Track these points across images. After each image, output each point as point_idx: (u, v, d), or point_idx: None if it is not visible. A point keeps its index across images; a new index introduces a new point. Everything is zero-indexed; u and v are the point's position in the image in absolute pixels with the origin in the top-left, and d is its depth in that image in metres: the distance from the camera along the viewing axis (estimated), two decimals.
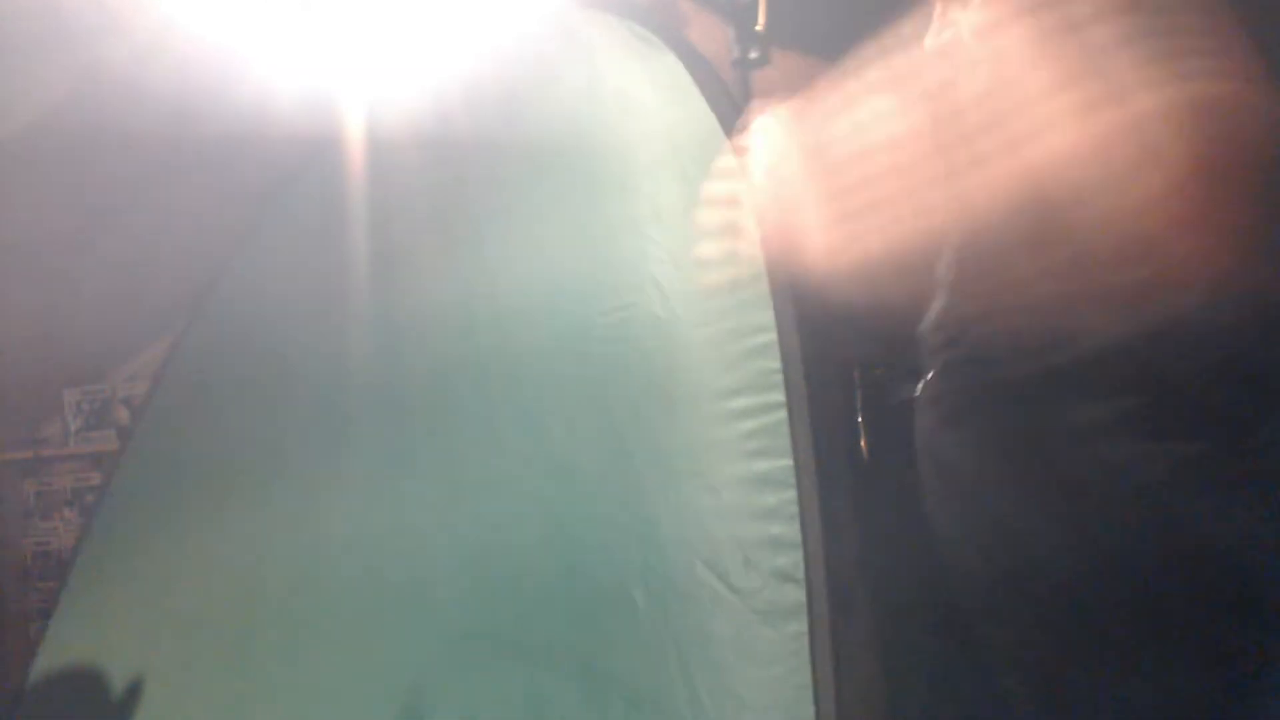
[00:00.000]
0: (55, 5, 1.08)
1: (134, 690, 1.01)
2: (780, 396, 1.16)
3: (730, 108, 1.18)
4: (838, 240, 1.28)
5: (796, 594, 1.12)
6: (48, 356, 1.48)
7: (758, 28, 1.21)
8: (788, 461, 1.15)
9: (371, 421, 1.12)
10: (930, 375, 0.99)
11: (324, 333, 1.12)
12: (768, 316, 1.19)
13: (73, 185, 1.12)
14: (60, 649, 1.06)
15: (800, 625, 1.11)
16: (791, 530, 1.11)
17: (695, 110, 1.19)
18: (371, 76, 1.17)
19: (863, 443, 1.29)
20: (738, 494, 1.15)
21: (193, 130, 1.11)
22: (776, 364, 1.18)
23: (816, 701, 1.09)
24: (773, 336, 1.18)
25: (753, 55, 1.20)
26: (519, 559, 1.10)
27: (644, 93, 1.21)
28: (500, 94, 1.20)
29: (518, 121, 1.19)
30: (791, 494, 1.14)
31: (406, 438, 1.11)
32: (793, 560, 1.14)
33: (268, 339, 1.12)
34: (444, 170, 1.18)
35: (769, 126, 1.20)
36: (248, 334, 1.12)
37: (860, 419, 1.26)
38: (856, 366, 1.24)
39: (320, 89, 1.15)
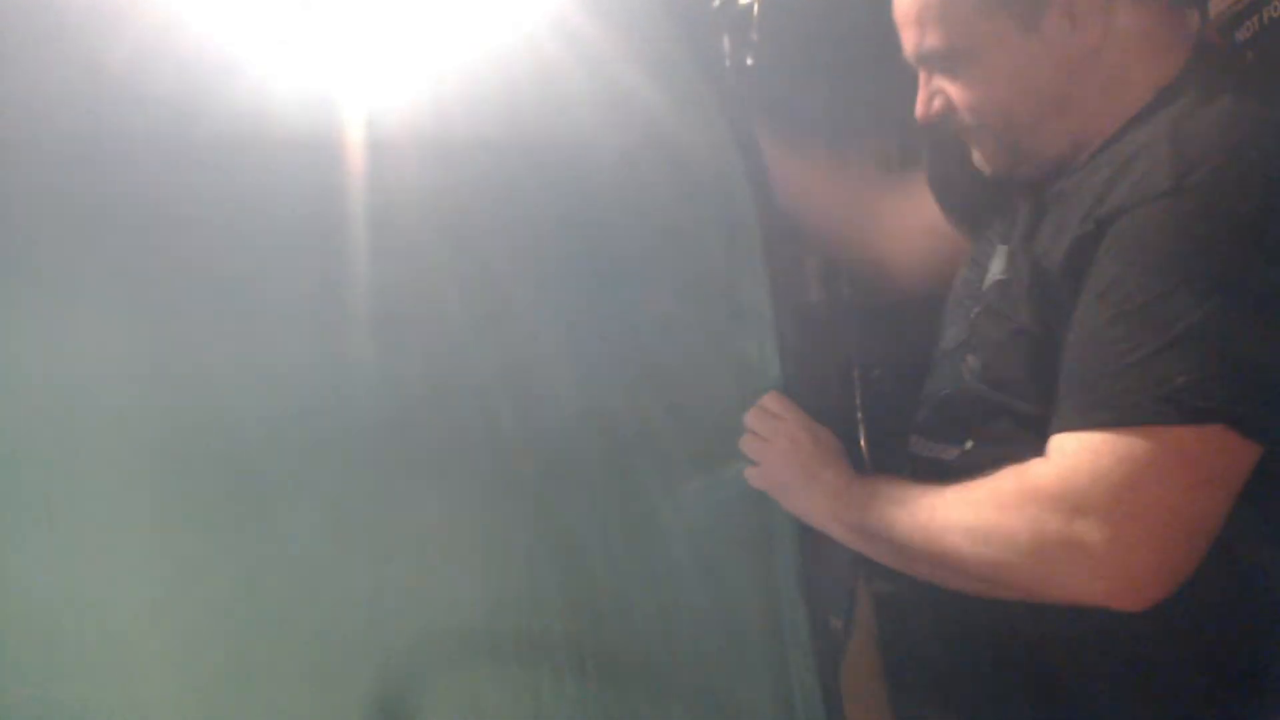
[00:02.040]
0: (55, 5, 1.08)
1: None
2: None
3: (739, 110, 1.18)
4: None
5: (800, 593, 1.12)
6: None
7: (752, 35, 1.22)
8: None
9: (365, 427, 1.11)
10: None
11: (317, 334, 1.11)
12: (767, 314, 1.19)
13: (72, 185, 1.11)
14: None
15: (801, 627, 1.12)
16: (790, 529, 1.11)
17: (699, 111, 1.19)
18: (373, 77, 1.17)
19: (862, 443, 1.29)
20: (738, 492, 1.15)
21: (193, 130, 1.10)
22: (776, 362, 1.18)
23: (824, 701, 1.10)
24: (773, 334, 1.18)
25: (748, 63, 1.21)
26: (520, 568, 1.10)
27: (647, 90, 1.21)
28: (501, 94, 1.20)
29: (518, 121, 1.19)
30: None
31: (403, 443, 1.11)
32: (791, 559, 1.14)
33: (258, 338, 1.11)
34: (444, 171, 1.18)
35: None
36: (237, 332, 1.11)
37: (860, 419, 1.27)
38: (856, 366, 1.25)
39: (320, 89, 1.15)
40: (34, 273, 1.10)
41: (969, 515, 0.89)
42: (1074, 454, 0.83)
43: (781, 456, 1.09)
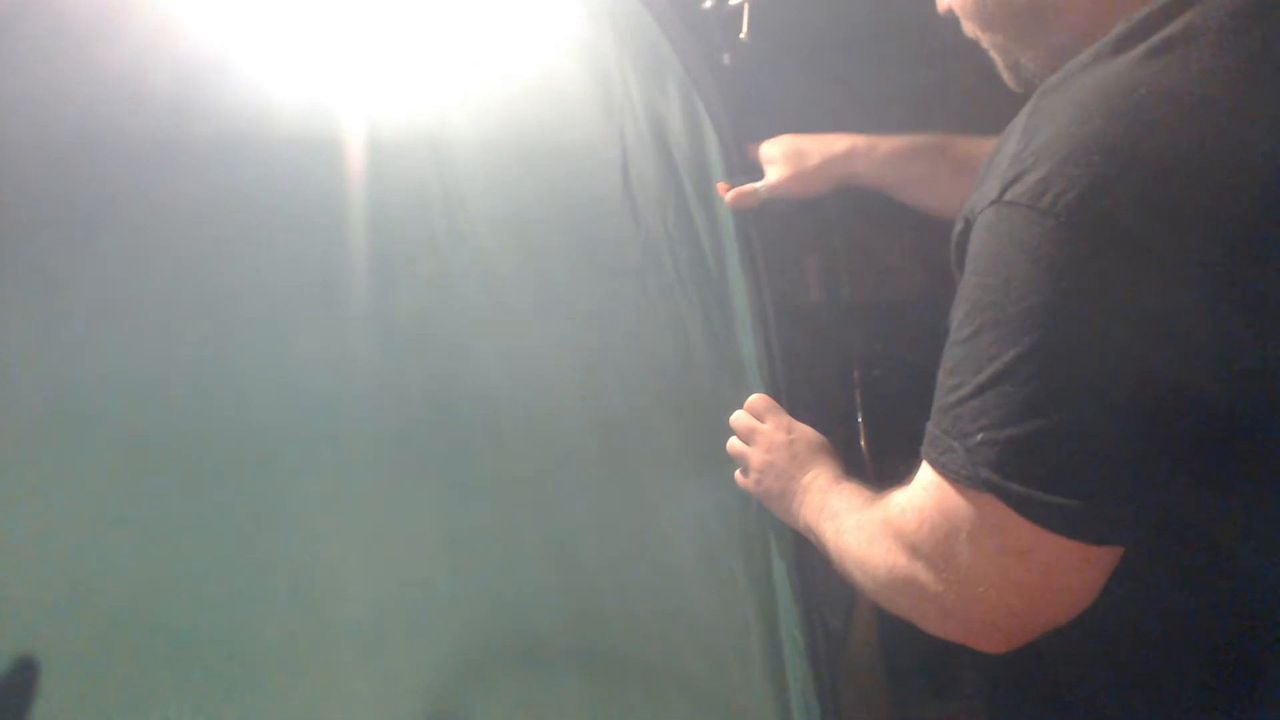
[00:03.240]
0: (55, 5, 1.08)
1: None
2: (779, 396, 1.16)
3: (733, 111, 1.19)
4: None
5: (795, 594, 1.12)
6: None
7: (742, 36, 1.21)
8: None
9: (365, 428, 1.11)
10: None
11: (314, 334, 1.11)
12: (765, 315, 1.19)
13: (71, 185, 1.11)
14: None
15: (802, 627, 1.12)
16: (791, 530, 1.11)
17: (693, 112, 1.19)
18: (369, 76, 1.17)
19: (863, 443, 1.29)
20: (738, 493, 1.15)
21: (192, 130, 1.10)
22: (775, 361, 1.18)
23: (825, 700, 1.10)
24: (771, 333, 1.18)
25: (736, 63, 1.21)
26: (521, 570, 1.10)
27: (642, 91, 1.21)
28: (496, 91, 1.20)
29: (515, 121, 1.19)
30: None
31: (402, 443, 1.11)
32: (791, 561, 1.14)
33: (256, 338, 1.11)
34: (441, 169, 1.18)
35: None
36: (236, 333, 1.11)
37: (860, 419, 1.27)
38: (856, 366, 1.24)
39: (320, 89, 1.15)
40: (34, 271, 1.10)
41: (853, 541, 0.86)
42: (914, 487, 0.77)
43: (761, 460, 1.08)
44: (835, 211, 1.26)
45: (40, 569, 1.04)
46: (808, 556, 1.11)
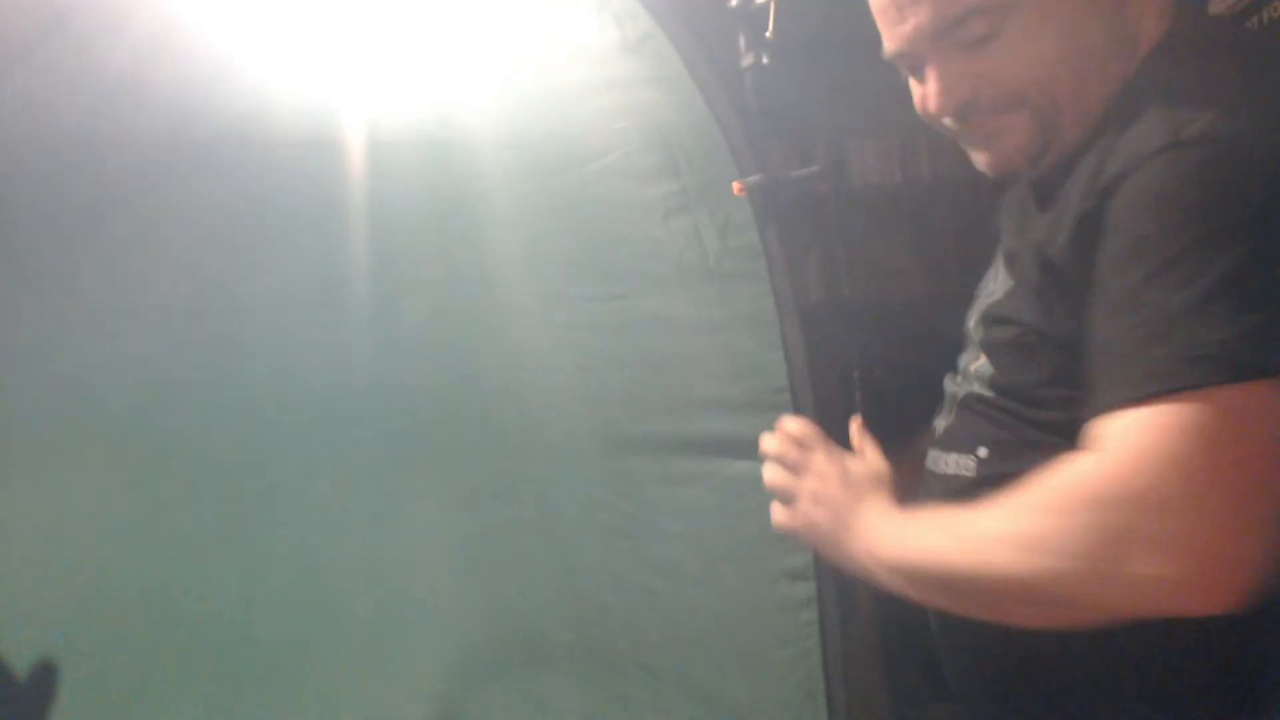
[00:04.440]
0: (55, 5, 1.08)
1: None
2: (781, 396, 1.16)
3: (733, 111, 1.18)
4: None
5: (801, 594, 1.12)
6: None
7: (767, 35, 1.20)
8: None
9: (368, 428, 1.12)
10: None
11: (318, 336, 1.11)
12: (768, 314, 1.19)
13: (71, 185, 1.11)
14: None
15: (802, 628, 1.12)
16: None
17: (695, 112, 1.19)
18: (372, 77, 1.17)
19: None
20: (741, 493, 1.15)
21: (193, 130, 1.11)
22: (777, 362, 1.18)
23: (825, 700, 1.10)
24: (773, 333, 1.18)
25: (763, 62, 1.20)
26: (523, 570, 1.10)
27: (643, 92, 1.21)
28: (498, 92, 1.20)
29: (515, 120, 1.19)
30: None
31: (405, 444, 1.11)
32: (796, 560, 1.14)
33: (260, 340, 1.11)
34: (443, 170, 1.18)
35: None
36: (240, 334, 1.11)
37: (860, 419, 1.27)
38: (856, 366, 1.24)
39: (321, 89, 1.15)
40: (35, 271, 1.10)
41: (1017, 524, 0.79)
42: (1121, 436, 0.74)
43: (811, 496, 1.01)
44: (835, 212, 1.25)
45: (55, 570, 1.05)
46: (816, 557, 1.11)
